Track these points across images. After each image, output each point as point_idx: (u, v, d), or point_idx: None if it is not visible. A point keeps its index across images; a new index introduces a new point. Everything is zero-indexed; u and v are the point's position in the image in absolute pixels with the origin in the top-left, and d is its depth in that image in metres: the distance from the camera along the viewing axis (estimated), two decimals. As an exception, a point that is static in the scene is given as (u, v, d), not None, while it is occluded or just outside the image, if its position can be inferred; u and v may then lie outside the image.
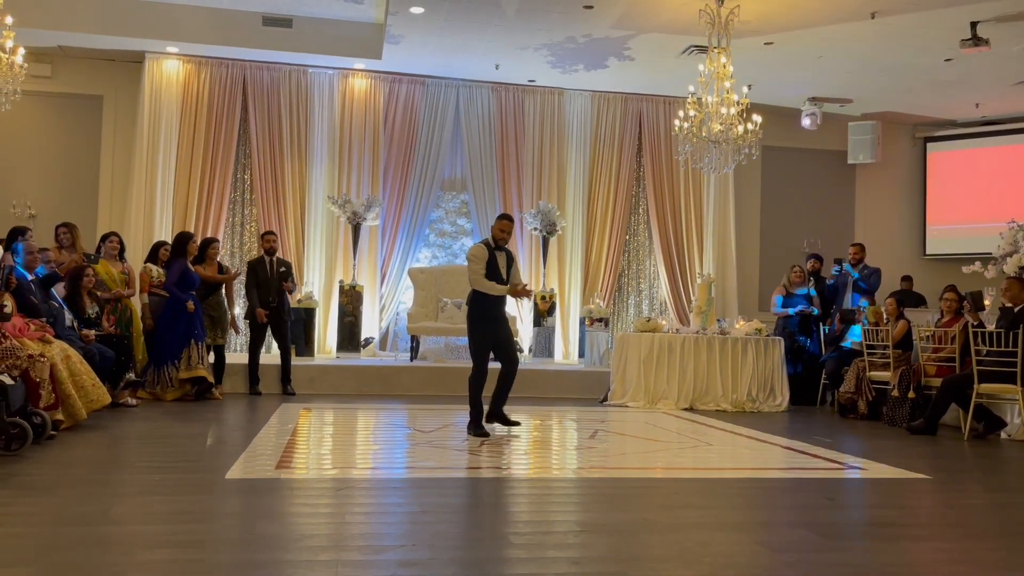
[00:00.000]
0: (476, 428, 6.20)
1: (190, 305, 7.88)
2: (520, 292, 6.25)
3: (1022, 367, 6.70)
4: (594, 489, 4.68)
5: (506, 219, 6.44)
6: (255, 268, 8.80)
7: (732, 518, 4.12)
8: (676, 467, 5.41)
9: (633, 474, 5.13)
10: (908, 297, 9.92)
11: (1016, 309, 6.95)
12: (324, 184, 10.85)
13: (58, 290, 6.93)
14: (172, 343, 7.85)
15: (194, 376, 7.88)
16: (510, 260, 6.40)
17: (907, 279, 10.47)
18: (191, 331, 7.89)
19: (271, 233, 9.10)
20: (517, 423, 6.44)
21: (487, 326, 6.27)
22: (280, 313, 8.77)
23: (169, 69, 10.47)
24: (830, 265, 10.01)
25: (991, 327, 7.06)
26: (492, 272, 6.24)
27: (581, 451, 5.94)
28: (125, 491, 4.24)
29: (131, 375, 7.35)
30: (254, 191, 10.79)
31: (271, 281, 8.74)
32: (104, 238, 8.20)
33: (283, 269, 8.88)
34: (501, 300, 6.35)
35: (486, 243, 6.37)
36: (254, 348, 8.75)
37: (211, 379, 8.04)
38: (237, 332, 8.97)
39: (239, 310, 9.75)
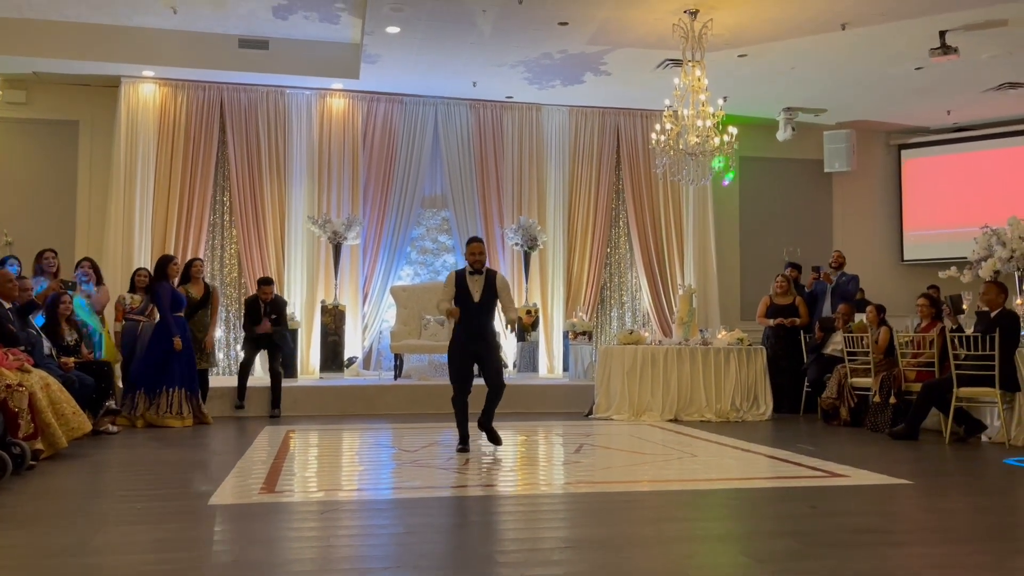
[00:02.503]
0: (460, 443, 6.31)
1: (177, 343, 7.80)
2: (448, 314, 6.35)
3: (1000, 371, 6.77)
4: (580, 504, 4.68)
5: (474, 241, 6.45)
6: (250, 308, 9.06)
7: (717, 529, 4.14)
8: (661, 479, 5.42)
9: (619, 488, 5.13)
10: (864, 306, 9.84)
11: (993, 313, 7.04)
12: (304, 204, 10.83)
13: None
14: (146, 369, 7.79)
15: (163, 425, 7.73)
16: (490, 282, 6.35)
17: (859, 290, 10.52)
18: (167, 363, 7.79)
19: (267, 283, 9.16)
20: (497, 441, 6.36)
21: (455, 347, 6.33)
22: (272, 339, 8.87)
23: (145, 93, 10.45)
24: (806, 273, 10.06)
25: (970, 331, 7.14)
26: (462, 297, 6.31)
27: (567, 466, 5.94)
28: (107, 520, 4.21)
29: (111, 403, 7.28)
30: (233, 213, 10.76)
31: (263, 317, 8.95)
32: (78, 264, 8.25)
33: (274, 316, 8.98)
34: (475, 322, 6.29)
35: (459, 269, 6.46)
36: (244, 365, 8.82)
37: (182, 424, 7.82)
38: (209, 348, 8.78)
39: (220, 333, 9.73)
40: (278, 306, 9.16)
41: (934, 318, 7.82)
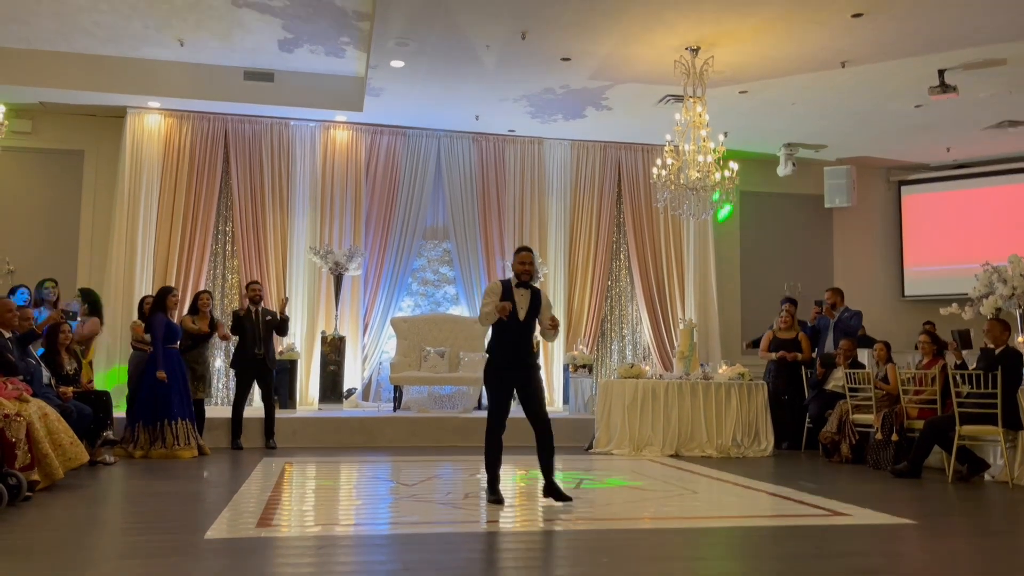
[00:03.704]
0: (490, 493, 5.57)
1: (160, 375, 7.73)
2: (500, 309, 5.43)
3: (1002, 409, 6.74)
4: (580, 541, 4.63)
5: (523, 251, 5.62)
6: (240, 318, 8.77)
7: (718, 569, 4.09)
8: (662, 516, 5.37)
9: (619, 525, 5.08)
10: (866, 342, 9.82)
11: (996, 350, 7.02)
12: (306, 235, 10.86)
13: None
14: (143, 401, 7.77)
15: (174, 457, 7.68)
16: (536, 298, 5.58)
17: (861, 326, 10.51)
18: (165, 395, 7.74)
19: (256, 283, 9.05)
20: (568, 499, 5.56)
21: (493, 374, 5.58)
22: (265, 363, 8.70)
23: (150, 123, 10.52)
24: (808, 308, 10.04)
25: (972, 367, 7.11)
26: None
27: (567, 502, 5.87)
28: (102, 554, 4.16)
29: (109, 433, 7.24)
30: (236, 243, 10.79)
31: (256, 331, 8.68)
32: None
33: (268, 318, 8.81)
34: (517, 344, 5.54)
35: (503, 280, 5.68)
36: (238, 401, 8.66)
37: (191, 454, 7.81)
38: (224, 335, 8.81)
39: (219, 363, 9.70)
40: (270, 311, 8.87)
41: (936, 355, 7.80)
